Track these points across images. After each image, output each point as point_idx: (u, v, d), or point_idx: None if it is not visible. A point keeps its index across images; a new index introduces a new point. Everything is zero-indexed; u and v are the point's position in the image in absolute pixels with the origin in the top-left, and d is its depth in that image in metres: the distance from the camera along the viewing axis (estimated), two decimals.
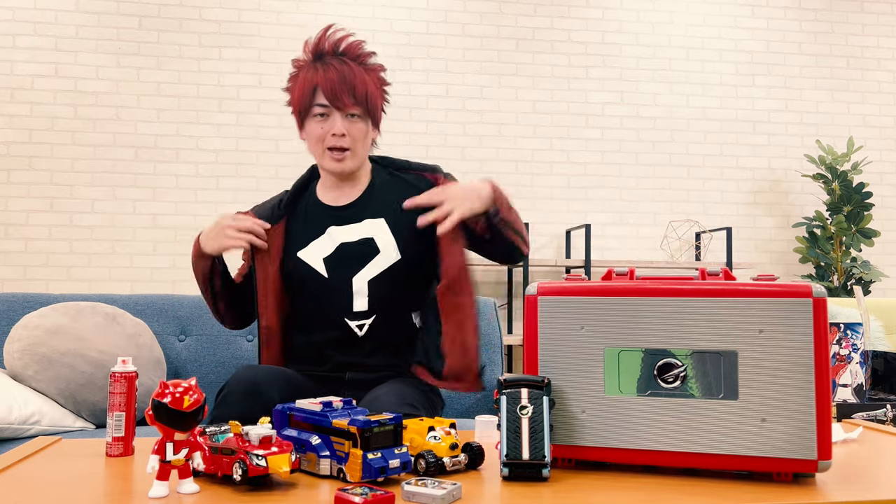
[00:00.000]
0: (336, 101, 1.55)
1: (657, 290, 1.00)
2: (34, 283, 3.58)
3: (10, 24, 3.62)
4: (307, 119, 1.60)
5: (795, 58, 4.31)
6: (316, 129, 1.59)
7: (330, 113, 1.57)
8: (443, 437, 1.01)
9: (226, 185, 3.75)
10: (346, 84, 1.55)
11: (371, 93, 1.58)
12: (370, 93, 1.58)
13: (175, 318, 2.28)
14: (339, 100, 1.55)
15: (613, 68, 4.14)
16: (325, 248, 1.61)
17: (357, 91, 1.55)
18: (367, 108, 1.58)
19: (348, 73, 1.55)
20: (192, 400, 0.88)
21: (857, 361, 1.85)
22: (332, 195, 1.67)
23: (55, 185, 3.61)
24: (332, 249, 1.61)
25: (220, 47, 3.79)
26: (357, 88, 1.55)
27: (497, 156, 4.01)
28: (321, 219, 1.64)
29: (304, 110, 1.59)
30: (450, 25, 4.00)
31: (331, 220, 1.64)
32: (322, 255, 1.61)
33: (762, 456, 0.95)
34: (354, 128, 1.58)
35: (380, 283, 1.58)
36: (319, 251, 1.61)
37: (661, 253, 4.11)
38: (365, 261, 1.59)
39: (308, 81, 1.58)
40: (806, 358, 0.95)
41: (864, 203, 3.94)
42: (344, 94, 1.54)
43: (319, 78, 1.56)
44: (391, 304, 1.59)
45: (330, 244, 1.61)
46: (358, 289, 1.58)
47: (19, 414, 1.84)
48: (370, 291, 1.58)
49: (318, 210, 1.66)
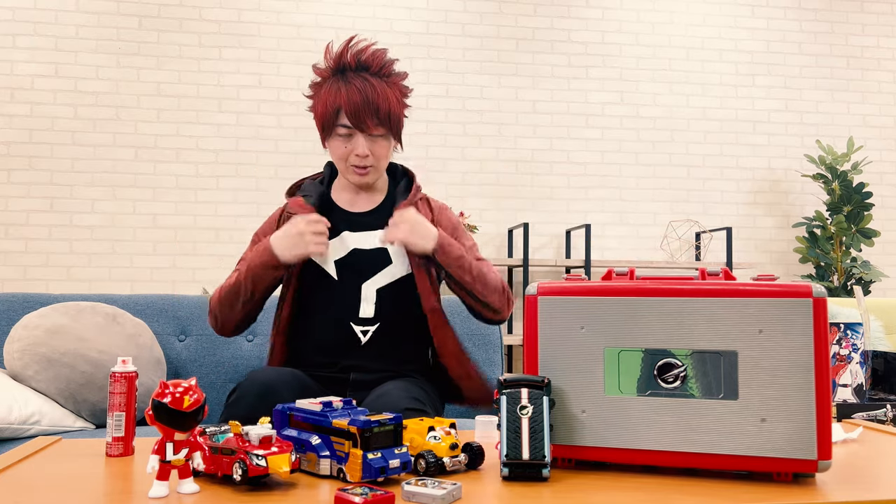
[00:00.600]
0: (360, 123, 1.54)
1: (657, 290, 1.00)
2: (34, 283, 3.58)
3: (10, 24, 3.62)
4: (330, 136, 1.60)
5: (795, 58, 4.31)
6: (339, 147, 1.59)
7: (353, 133, 1.57)
8: (443, 437, 1.01)
9: (226, 185, 3.75)
10: (369, 106, 1.53)
11: (394, 111, 1.57)
12: (392, 112, 1.57)
13: (175, 318, 2.28)
14: (363, 122, 1.54)
15: (613, 68, 4.14)
16: (337, 251, 1.61)
17: (380, 112, 1.55)
18: (391, 126, 1.58)
19: (371, 93, 1.54)
20: (192, 400, 0.88)
21: (857, 361, 1.85)
22: (348, 198, 1.68)
23: (55, 185, 3.61)
24: (344, 253, 1.61)
25: (220, 47, 3.79)
26: (380, 109, 1.54)
27: (497, 156, 4.01)
28: (337, 222, 1.64)
29: (327, 128, 1.59)
30: (450, 25, 4.00)
31: (345, 224, 1.64)
32: (335, 257, 1.61)
33: (762, 456, 0.95)
34: (377, 146, 1.59)
35: (388, 292, 1.60)
36: (333, 254, 1.61)
37: (661, 253, 4.11)
38: (376, 269, 1.60)
39: (331, 101, 1.56)
40: (806, 358, 0.95)
41: (864, 203, 3.94)
42: (367, 116, 1.54)
43: (342, 99, 1.54)
44: (396, 314, 1.60)
45: (342, 248, 1.61)
46: (366, 295, 1.59)
47: (19, 414, 1.84)
48: (378, 299, 1.59)
49: (335, 212, 1.66)
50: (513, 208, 4.01)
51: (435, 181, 3.94)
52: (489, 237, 3.97)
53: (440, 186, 3.94)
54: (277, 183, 3.79)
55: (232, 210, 3.75)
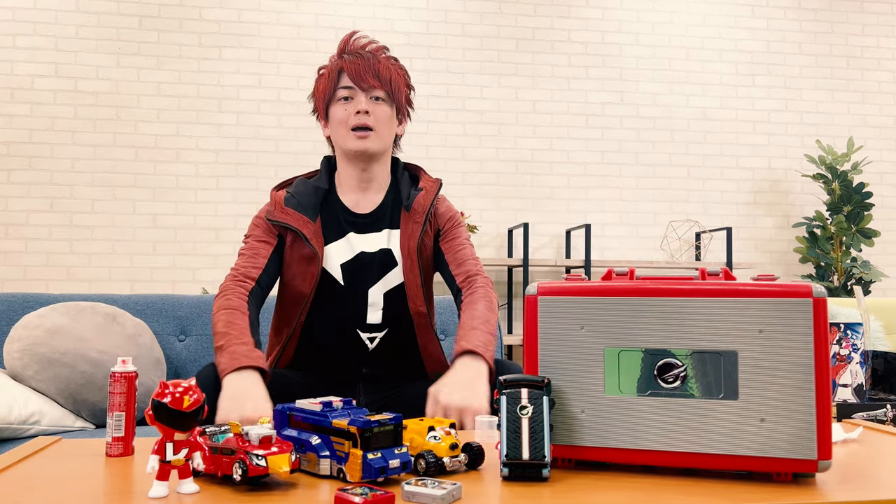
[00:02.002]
0: (360, 81, 1.56)
1: (657, 290, 1.00)
2: (34, 283, 3.58)
3: (10, 24, 3.61)
4: (332, 105, 1.60)
5: (795, 58, 4.31)
6: (340, 111, 1.59)
7: (354, 95, 1.57)
8: (443, 437, 1.01)
9: (226, 185, 3.75)
10: (370, 68, 1.57)
11: (394, 79, 1.60)
12: (393, 78, 1.59)
13: (175, 318, 2.28)
14: (364, 80, 1.56)
15: (613, 68, 4.14)
16: (343, 254, 1.57)
17: (381, 74, 1.57)
18: (391, 91, 1.59)
19: (372, 60, 1.58)
20: (192, 400, 0.88)
21: (857, 361, 1.85)
22: (353, 199, 1.63)
23: (55, 185, 3.61)
24: (350, 256, 1.57)
25: (220, 47, 3.79)
26: (381, 72, 1.58)
27: (497, 156, 4.01)
28: (341, 222, 1.60)
29: (329, 96, 1.60)
30: (450, 25, 4.00)
31: (350, 226, 1.60)
32: (340, 260, 1.57)
33: (762, 456, 0.95)
34: (379, 109, 1.58)
35: (395, 296, 1.57)
36: (338, 256, 1.57)
37: (661, 253, 4.11)
38: (382, 272, 1.57)
39: (333, 70, 1.60)
40: (806, 358, 0.95)
41: (864, 203, 3.94)
42: (368, 75, 1.56)
43: (344, 63, 1.58)
44: (404, 318, 1.59)
45: (349, 251, 1.58)
46: (374, 301, 1.56)
47: (19, 414, 1.84)
48: (385, 305, 1.57)
49: (339, 211, 1.62)
50: (513, 208, 4.01)
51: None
52: (489, 237, 3.97)
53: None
54: (277, 183, 3.79)
55: (232, 210, 3.75)
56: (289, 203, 1.58)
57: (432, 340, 1.61)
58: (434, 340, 1.61)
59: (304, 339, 1.60)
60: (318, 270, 1.54)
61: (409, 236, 1.59)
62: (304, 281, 1.55)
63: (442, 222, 1.65)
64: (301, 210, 1.57)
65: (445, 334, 2.39)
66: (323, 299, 1.57)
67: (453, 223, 1.66)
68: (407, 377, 1.63)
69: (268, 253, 1.56)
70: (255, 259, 1.56)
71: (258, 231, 1.59)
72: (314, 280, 1.54)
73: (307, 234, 1.54)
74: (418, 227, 1.59)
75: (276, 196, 1.60)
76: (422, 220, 1.59)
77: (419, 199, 1.61)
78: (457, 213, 1.69)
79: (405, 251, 1.58)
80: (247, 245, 1.58)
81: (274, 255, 1.57)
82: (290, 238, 1.57)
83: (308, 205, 1.58)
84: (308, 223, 1.56)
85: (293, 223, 1.55)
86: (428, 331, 1.60)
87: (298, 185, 1.63)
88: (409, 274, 1.57)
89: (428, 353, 1.61)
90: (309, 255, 1.55)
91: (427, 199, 1.61)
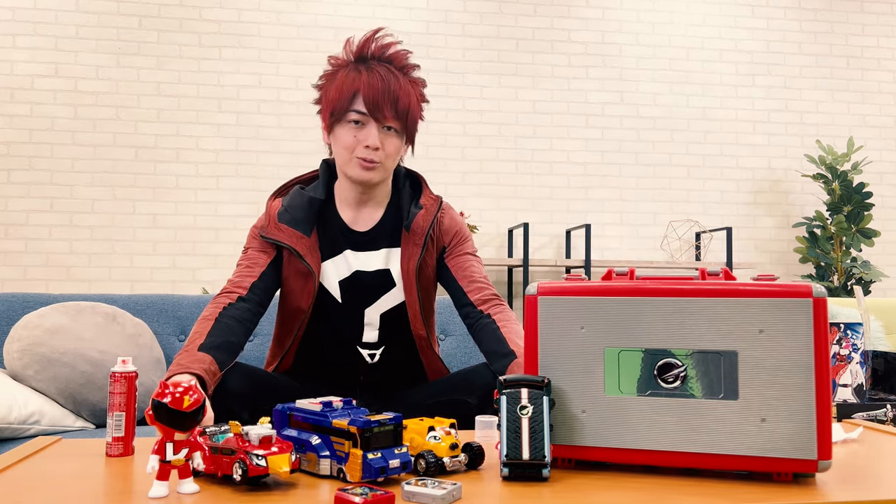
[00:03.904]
0: (376, 111, 1.44)
1: (657, 290, 1.00)
2: (34, 283, 3.58)
3: (10, 24, 3.61)
4: (339, 123, 1.48)
5: (795, 58, 4.31)
6: (348, 136, 1.47)
7: (366, 122, 1.46)
8: (443, 437, 1.01)
9: (226, 185, 3.75)
10: (389, 95, 1.44)
11: (413, 109, 1.48)
12: (412, 108, 1.47)
13: (175, 318, 2.28)
14: (380, 111, 1.44)
15: (613, 68, 4.14)
16: (341, 271, 1.54)
17: (399, 104, 1.45)
18: (406, 124, 1.48)
19: (393, 82, 1.44)
20: (192, 400, 0.88)
21: (857, 361, 1.85)
22: (351, 214, 1.57)
23: (55, 185, 3.61)
24: (347, 273, 1.54)
25: (220, 47, 3.79)
26: (400, 101, 1.45)
27: (497, 156, 4.01)
28: (339, 238, 1.55)
29: (339, 113, 1.47)
30: (450, 25, 4.00)
31: (348, 243, 1.55)
32: (338, 277, 1.53)
33: (762, 456, 0.95)
34: (389, 142, 1.48)
35: (392, 316, 1.55)
36: (335, 273, 1.53)
37: (661, 253, 4.11)
38: (379, 293, 1.54)
39: (348, 84, 1.45)
40: (806, 358, 0.95)
41: (864, 203, 3.94)
42: (386, 105, 1.43)
43: (362, 83, 1.44)
44: (402, 338, 1.57)
45: (346, 268, 1.54)
46: (370, 321, 1.54)
47: (19, 414, 1.84)
48: (381, 325, 1.55)
49: (337, 227, 1.56)
50: (513, 208, 4.01)
51: (435, 181, 3.94)
52: (489, 237, 3.97)
53: (440, 186, 3.93)
54: (277, 183, 3.79)
55: (232, 210, 3.75)
56: (282, 218, 1.52)
57: (434, 359, 1.59)
58: (435, 358, 1.59)
59: (302, 351, 1.59)
60: (316, 287, 1.50)
61: (409, 258, 1.54)
62: (302, 296, 1.52)
63: (447, 238, 1.59)
64: (294, 225, 1.51)
65: (445, 334, 2.39)
66: (321, 315, 1.54)
67: (459, 238, 1.60)
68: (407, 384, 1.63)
69: (265, 263, 1.52)
70: (251, 269, 1.52)
71: (256, 243, 1.55)
72: (312, 297, 1.51)
73: (301, 250, 1.50)
74: (418, 249, 1.54)
75: (271, 208, 1.55)
76: (422, 241, 1.54)
77: (418, 220, 1.55)
78: (463, 226, 1.62)
79: (405, 273, 1.54)
80: (244, 256, 1.54)
81: (272, 265, 1.53)
82: (286, 253, 1.53)
83: (302, 219, 1.52)
84: (302, 239, 1.51)
85: (286, 240, 1.50)
86: (428, 352, 1.58)
87: (294, 196, 1.56)
88: (408, 296, 1.54)
89: (429, 367, 1.60)
90: (305, 271, 1.52)
91: (426, 220, 1.55)
